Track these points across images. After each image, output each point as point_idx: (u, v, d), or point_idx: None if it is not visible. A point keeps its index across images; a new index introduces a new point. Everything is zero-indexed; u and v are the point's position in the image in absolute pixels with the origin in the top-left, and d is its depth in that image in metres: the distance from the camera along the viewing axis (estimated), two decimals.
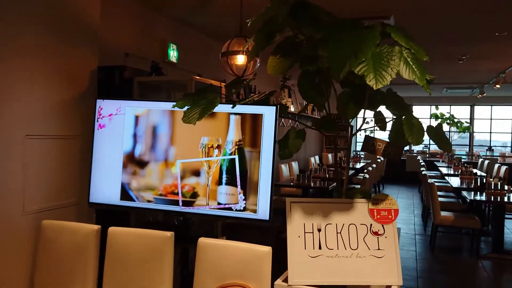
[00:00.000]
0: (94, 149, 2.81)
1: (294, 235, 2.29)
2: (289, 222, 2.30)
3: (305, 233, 2.30)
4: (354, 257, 2.28)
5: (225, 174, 2.59)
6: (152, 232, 2.35)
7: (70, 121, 2.95)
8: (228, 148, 2.58)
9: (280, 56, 2.32)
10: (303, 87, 2.36)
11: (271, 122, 2.54)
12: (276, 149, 2.50)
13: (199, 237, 2.26)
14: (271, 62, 2.31)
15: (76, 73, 3.00)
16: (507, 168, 8.33)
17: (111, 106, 2.79)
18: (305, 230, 2.30)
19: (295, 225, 2.30)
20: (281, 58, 2.31)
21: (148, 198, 2.71)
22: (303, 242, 2.28)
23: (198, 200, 2.62)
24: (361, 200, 2.35)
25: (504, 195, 5.44)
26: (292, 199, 2.35)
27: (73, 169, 3.00)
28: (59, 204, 2.89)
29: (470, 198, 5.28)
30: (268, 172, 2.53)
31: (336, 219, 2.33)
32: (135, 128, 2.75)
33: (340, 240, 2.31)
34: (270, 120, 2.54)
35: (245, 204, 2.55)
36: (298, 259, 2.24)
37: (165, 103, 2.73)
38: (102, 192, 2.79)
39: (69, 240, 2.50)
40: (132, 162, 2.75)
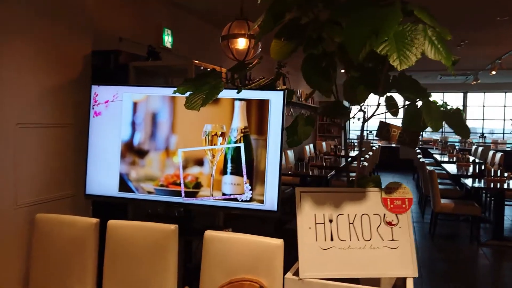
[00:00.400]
0: (90, 138, 2.65)
1: (305, 227, 2.19)
2: (299, 213, 2.19)
3: (316, 224, 2.20)
4: (368, 248, 2.19)
5: (230, 163, 2.46)
6: (155, 225, 2.22)
7: (63, 108, 2.79)
8: (233, 136, 2.45)
9: (284, 39, 2.19)
10: (308, 72, 2.24)
11: (278, 108, 2.41)
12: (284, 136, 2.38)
13: (201, 229, 2.15)
14: (275, 46, 2.18)
15: (69, 58, 2.84)
16: (503, 155, 8.31)
17: (107, 92, 2.64)
18: (316, 221, 2.21)
19: (306, 216, 2.20)
20: (285, 41, 2.19)
21: (149, 189, 2.58)
22: (314, 234, 2.19)
23: (201, 190, 2.49)
24: (373, 189, 2.25)
25: (504, 181, 5.39)
26: (301, 189, 2.24)
27: (68, 159, 2.85)
28: (53, 197, 2.75)
29: (471, 185, 5.22)
30: (275, 161, 2.40)
31: (348, 209, 2.23)
32: (134, 115, 2.61)
33: (353, 231, 2.21)
34: (277, 105, 2.41)
35: (252, 195, 2.43)
36: (309, 251, 2.14)
37: (165, 89, 2.58)
38: (99, 183, 2.65)
39: (66, 234, 2.36)
40: (130, 151, 2.60)
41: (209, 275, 2.07)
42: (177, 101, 2.55)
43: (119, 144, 2.61)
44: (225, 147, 2.46)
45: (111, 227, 2.29)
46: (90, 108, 2.65)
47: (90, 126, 2.64)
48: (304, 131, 2.32)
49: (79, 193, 2.84)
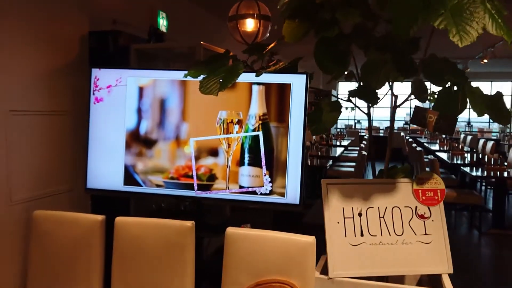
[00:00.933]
0: (91, 126, 2.41)
1: (333, 221, 2.03)
2: (326, 206, 2.03)
3: (345, 218, 2.05)
4: (400, 243, 2.05)
5: (248, 153, 2.26)
6: (169, 222, 2.01)
7: (60, 94, 2.54)
8: (251, 124, 2.24)
9: (298, 20, 2.02)
10: (320, 57, 2.06)
11: (300, 92, 2.21)
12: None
13: (214, 225, 1.96)
14: (287, 27, 1.99)
15: (65, 39, 2.58)
16: (494, 143, 8.30)
17: (109, 76, 2.39)
18: (345, 215, 2.05)
19: (333, 210, 2.04)
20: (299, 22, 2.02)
21: (157, 182, 2.36)
22: (343, 229, 2.04)
23: (216, 183, 2.29)
24: (404, 180, 2.13)
25: (504, 170, 5.33)
26: (328, 181, 2.08)
27: (65, 150, 2.60)
28: (50, 192, 2.51)
29: (472, 174, 5.15)
30: (297, 150, 2.22)
31: (378, 202, 2.09)
32: (140, 101, 2.37)
33: (384, 225, 2.07)
34: (299, 90, 2.22)
35: (272, 187, 2.24)
36: (338, 248, 1.99)
37: (174, 72, 2.35)
38: (102, 176, 2.41)
39: (68, 233, 2.13)
40: (137, 141, 2.37)
41: (232, 276, 1.88)
42: (188, 86, 2.33)
43: (123, 133, 2.37)
44: (242, 135, 2.25)
45: (119, 225, 2.07)
46: (90, 94, 2.40)
47: (90, 113, 2.40)
48: (330, 118, 2.16)
49: (77, 188, 2.60)
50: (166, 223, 2.02)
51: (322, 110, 2.15)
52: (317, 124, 2.15)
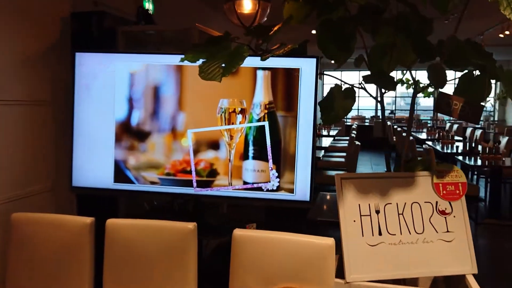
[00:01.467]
0: (76, 117, 2.16)
1: (349, 220, 1.85)
2: (340, 203, 1.85)
3: (361, 216, 1.88)
4: (420, 242, 1.90)
5: (252, 145, 2.05)
6: (168, 224, 1.79)
7: (38, 82, 2.28)
8: (255, 113, 2.03)
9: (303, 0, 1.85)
10: (323, 41, 1.89)
11: (310, 78, 2.01)
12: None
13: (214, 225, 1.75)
14: (289, 7, 1.84)
15: (44, 20, 2.31)
16: (482, 131, 8.28)
17: (95, 61, 2.14)
18: (361, 213, 1.88)
19: (349, 207, 1.86)
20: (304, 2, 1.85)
21: (152, 179, 2.12)
22: (360, 228, 1.87)
23: (217, 179, 2.07)
24: (423, 173, 1.98)
25: (500, 159, 5.24)
26: (342, 175, 1.90)
27: (46, 144, 2.35)
28: (30, 192, 2.26)
29: (470, 164, 5.05)
30: (307, 142, 2.02)
31: (396, 197, 1.92)
32: (130, 89, 2.13)
33: (403, 223, 1.92)
34: (309, 75, 2.01)
35: (279, 183, 2.04)
36: (355, 249, 1.82)
37: (169, 56, 2.11)
38: (89, 173, 2.17)
39: (52, 238, 1.88)
40: (128, 133, 2.13)
41: (241, 282, 1.68)
42: (185, 72, 2.10)
43: (112, 124, 2.13)
44: (245, 126, 2.04)
45: (111, 228, 1.84)
46: (74, 81, 2.14)
47: (75, 103, 2.15)
48: (343, 105, 1.96)
49: (60, 186, 2.36)
50: (165, 225, 1.80)
51: (334, 97, 1.96)
52: (328, 113, 1.96)
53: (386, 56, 2.00)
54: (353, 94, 1.96)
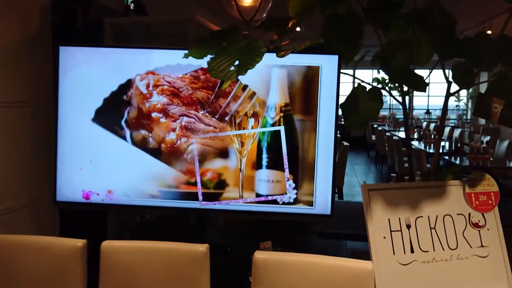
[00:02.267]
0: (60, 121, 1.86)
1: (378, 236, 1.67)
2: (369, 218, 1.67)
3: (391, 232, 1.69)
4: (454, 259, 1.74)
5: (266, 153, 1.82)
6: (176, 246, 1.54)
7: (15, 80, 1.97)
8: (270, 116, 1.80)
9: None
10: (330, 38, 1.74)
11: (331, 77, 1.80)
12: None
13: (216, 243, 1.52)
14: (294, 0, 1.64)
15: (20, 9, 1.99)
16: (462, 131, 8.33)
17: (82, 56, 1.85)
18: (391, 228, 1.70)
19: (378, 222, 1.68)
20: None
21: (151, 191, 1.86)
22: (391, 245, 1.69)
23: (227, 191, 1.83)
24: (454, 182, 1.82)
25: (488, 159, 5.21)
26: (369, 186, 1.71)
27: (24, 152, 2.04)
28: (5, 208, 1.94)
29: (462, 165, 4.98)
30: (328, 149, 1.81)
31: (427, 209, 1.76)
32: (123, 88, 1.85)
33: (436, 238, 1.76)
34: (330, 74, 1.80)
35: (297, 195, 1.82)
36: (387, 268, 1.64)
37: (169, 52, 1.85)
38: (76, 185, 1.88)
39: (37, 264, 1.60)
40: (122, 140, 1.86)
41: None
42: None
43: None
44: (258, 131, 1.80)
45: (107, 251, 1.57)
46: (57, 80, 1.85)
47: (59, 104, 1.85)
48: (370, 108, 1.77)
49: (40, 201, 2.05)
50: (171, 247, 1.55)
51: (358, 99, 1.76)
52: (353, 117, 1.76)
53: (399, 54, 1.82)
54: (379, 95, 1.77)
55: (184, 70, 1.82)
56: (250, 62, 1.53)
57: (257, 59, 1.53)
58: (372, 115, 1.76)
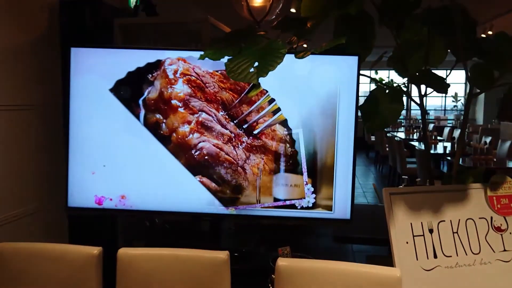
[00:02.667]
0: (71, 125, 1.81)
1: (401, 241, 1.63)
2: (391, 223, 1.63)
3: (414, 236, 1.66)
4: (478, 264, 1.71)
5: (284, 156, 1.77)
6: (196, 253, 1.49)
7: (23, 82, 1.91)
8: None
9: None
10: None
11: (350, 79, 1.76)
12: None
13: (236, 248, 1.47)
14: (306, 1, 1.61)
15: (28, 10, 1.94)
16: (461, 131, 8.30)
17: (93, 57, 1.80)
18: (414, 233, 1.66)
19: (401, 227, 1.64)
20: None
21: (165, 195, 1.80)
22: (413, 250, 1.66)
23: (244, 196, 1.78)
24: (475, 186, 1.76)
25: (491, 159, 5.19)
26: (390, 190, 1.67)
27: (33, 156, 1.98)
28: (14, 215, 1.88)
29: (465, 166, 4.95)
30: (347, 152, 1.77)
31: (449, 214, 1.72)
32: (137, 90, 1.80)
33: (459, 243, 1.72)
34: (349, 76, 1.76)
35: (315, 199, 1.78)
36: (410, 275, 1.60)
37: (185, 53, 1.80)
38: (88, 190, 1.82)
39: (50, 273, 1.55)
40: None
41: None
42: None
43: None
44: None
45: (124, 259, 1.52)
46: (69, 82, 1.79)
47: (70, 108, 1.79)
48: (391, 110, 1.73)
49: (49, 207, 1.99)
50: (190, 255, 1.50)
51: (377, 101, 1.73)
52: (373, 119, 1.72)
53: (414, 55, 1.80)
54: (400, 96, 1.74)
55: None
56: (270, 63, 1.48)
57: (278, 61, 1.48)
58: (393, 118, 1.72)
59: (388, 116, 1.70)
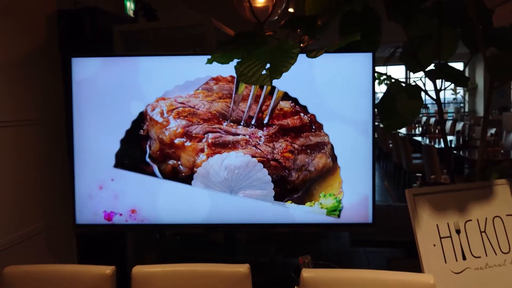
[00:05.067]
0: (76, 138, 1.72)
1: (428, 244, 1.56)
2: (417, 225, 1.56)
3: (441, 238, 1.59)
4: (508, 263, 1.65)
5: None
6: (214, 268, 1.42)
7: (25, 96, 1.83)
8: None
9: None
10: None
11: (366, 76, 1.68)
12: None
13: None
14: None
15: (26, 20, 1.86)
16: (465, 124, 8.26)
17: (95, 66, 1.72)
18: (440, 235, 1.59)
19: (426, 229, 1.57)
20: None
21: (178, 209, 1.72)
22: (441, 253, 1.59)
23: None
24: (500, 181, 1.67)
25: (499, 151, 5.12)
26: (413, 191, 1.60)
27: (38, 173, 1.90)
28: (20, 236, 1.80)
29: (471, 158, 4.90)
30: (366, 153, 1.69)
31: (475, 212, 1.66)
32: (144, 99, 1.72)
33: (487, 242, 1.65)
34: (364, 73, 1.69)
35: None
36: (440, 278, 1.54)
37: (190, 58, 1.72)
38: (97, 206, 1.74)
39: None
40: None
41: None
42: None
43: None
44: None
45: (139, 277, 1.44)
46: (71, 93, 1.71)
47: (74, 120, 1.71)
48: (410, 108, 1.66)
49: (56, 226, 1.91)
50: (210, 270, 1.42)
51: (394, 98, 1.65)
52: (391, 118, 1.64)
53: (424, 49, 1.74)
54: (418, 92, 1.66)
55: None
56: (283, 64, 1.42)
57: (291, 61, 1.42)
58: (412, 115, 1.65)
59: (407, 114, 1.63)
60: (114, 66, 1.71)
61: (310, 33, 1.67)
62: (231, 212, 1.69)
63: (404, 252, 2.16)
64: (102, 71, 1.71)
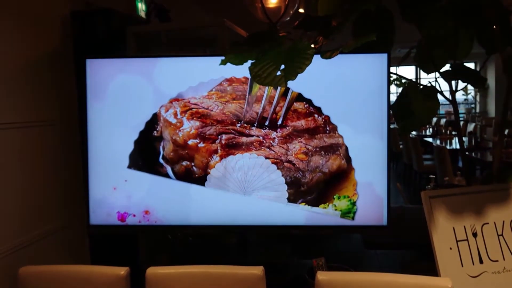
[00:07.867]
0: (90, 139, 1.73)
1: (444, 247, 1.55)
2: (433, 228, 1.54)
3: (458, 242, 1.57)
4: None
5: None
6: (229, 270, 1.41)
7: (40, 97, 1.85)
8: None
9: None
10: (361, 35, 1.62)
11: (381, 78, 1.67)
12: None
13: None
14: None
15: (40, 22, 1.87)
16: (476, 125, 8.17)
17: (110, 68, 1.72)
18: (457, 238, 1.57)
19: (443, 232, 1.55)
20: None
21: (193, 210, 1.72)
22: (458, 256, 1.57)
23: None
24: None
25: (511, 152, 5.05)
26: (430, 193, 1.58)
27: (53, 173, 1.91)
28: (35, 236, 1.81)
29: (485, 160, 4.84)
30: (381, 153, 1.67)
31: (492, 215, 1.64)
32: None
33: (504, 246, 1.64)
34: (379, 75, 1.67)
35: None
36: (457, 282, 1.51)
37: (207, 59, 1.72)
38: (110, 207, 1.74)
39: None
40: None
41: None
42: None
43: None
44: None
45: (153, 279, 1.43)
46: (86, 95, 1.72)
47: (88, 121, 1.72)
48: (427, 109, 1.64)
49: (69, 226, 1.92)
50: (225, 272, 1.41)
51: (410, 99, 1.63)
52: (407, 119, 1.63)
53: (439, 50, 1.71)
54: (435, 93, 1.64)
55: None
56: (298, 65, 1.41)
57: (306, 62, 1.41)
58: (429, 117, 1.62)
59: (423, 115, 1.61)
60: (128, 68, 1.71)
61: (324, 33, 1.66)
62: (244, 213, 1.69)
63: (417, 255, 2.13)
64: (116, 72, 1.72)
